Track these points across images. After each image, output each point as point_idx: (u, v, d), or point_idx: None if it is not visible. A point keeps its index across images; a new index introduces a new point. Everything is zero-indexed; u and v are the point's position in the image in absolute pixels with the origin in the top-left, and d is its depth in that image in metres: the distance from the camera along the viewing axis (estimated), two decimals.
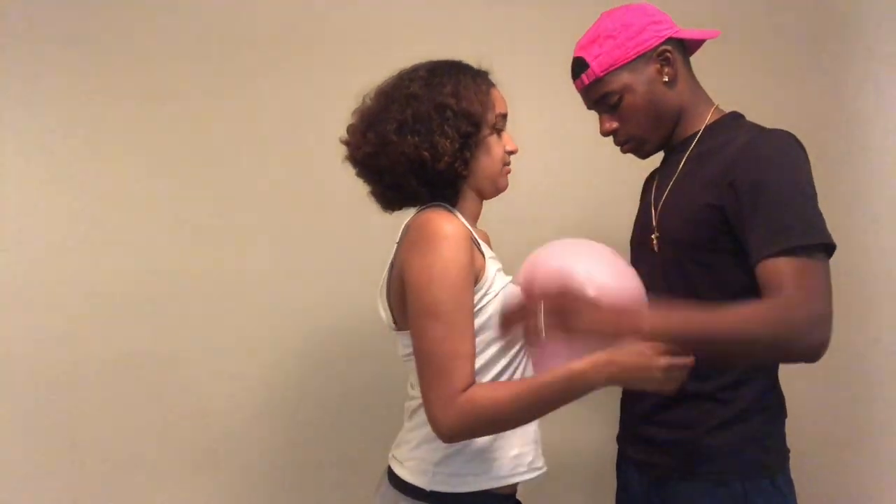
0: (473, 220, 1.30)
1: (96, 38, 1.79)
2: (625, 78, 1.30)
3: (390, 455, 1.28)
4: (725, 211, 1.19)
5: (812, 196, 1.16)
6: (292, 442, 1.86)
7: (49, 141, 1.76)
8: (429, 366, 1.10)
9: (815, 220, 1.14)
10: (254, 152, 1.86)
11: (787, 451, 1.29)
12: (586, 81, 1.32)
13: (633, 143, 1.35)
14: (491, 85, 1.27)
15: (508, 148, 1.27)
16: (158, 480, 1.78)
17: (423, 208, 1.23)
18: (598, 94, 1.32)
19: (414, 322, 1.13)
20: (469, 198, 1.28)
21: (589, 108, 1.39)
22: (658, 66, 1.30)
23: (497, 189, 1.29)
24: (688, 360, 1.11)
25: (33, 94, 1.75)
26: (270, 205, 1.86)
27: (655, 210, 1.35)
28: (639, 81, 1.30)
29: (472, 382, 1.10)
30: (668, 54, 1.30)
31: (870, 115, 2.10)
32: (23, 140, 1.75)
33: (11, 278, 1.72)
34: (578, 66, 1.34)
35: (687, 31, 1.34)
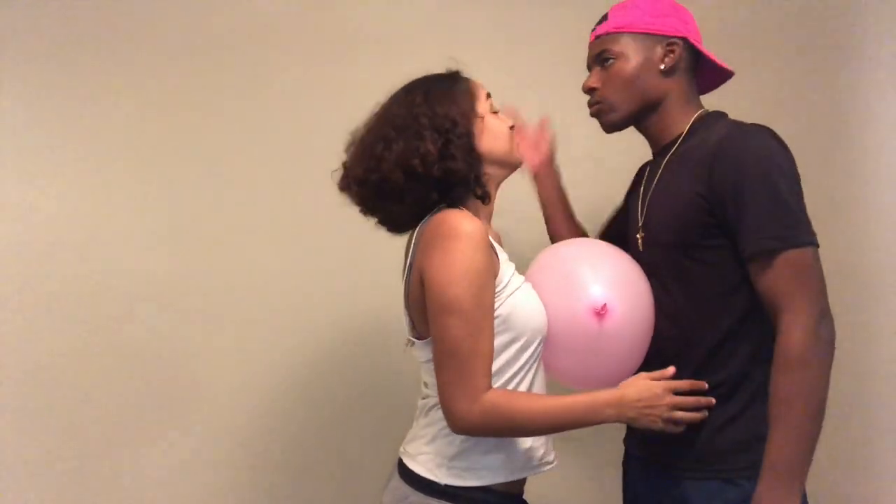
0: (485, 220, 1.31)
1: (97, 38, 1.79)
2: (627, 45, 1.34)
3: (401, 450, 1.29)
4: (709, 202, 1.22)
5: (790, 192, 1.19)
6: (294, 441, 1.86)
7: (49, 141, 1.75)
8: (450, 363, 1.13)
9: (794, 219, 1.18)
10: (257, 152, 1.86)
11: None
12: (598, 32, 1.38)
13: (602, 107, 1.38)
14: (465, 80, 1.31)
15: (511, 123, 1.32)
16: (158, 479, 1.78)
17: (436, 210, 1.23)
18: (599, 48, 1.37)
19: (435, 320, 1.14)
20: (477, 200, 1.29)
21: (588, 65, 1.43)
22: (662, 52, 1.34)
23: (513, 162, 1.32)
24: (695, 401, 1.18)
25: (33, 94, 1.75)
26: (273, 205, 1.86)
27: (642, 210, 1.38)
28: (637, 54, 1.34)
29: (491, 382, 1.14)
30: (675, 48, 1.34)
31: (870, 116, 2.11)
32: (23, 140, 1.74)
33: (11, 278, 1.72)
34: (600, 21, 1.40)
35: (705, 49, 1.37)
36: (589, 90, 1.40)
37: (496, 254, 1.21)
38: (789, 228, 1.17)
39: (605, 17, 1.38)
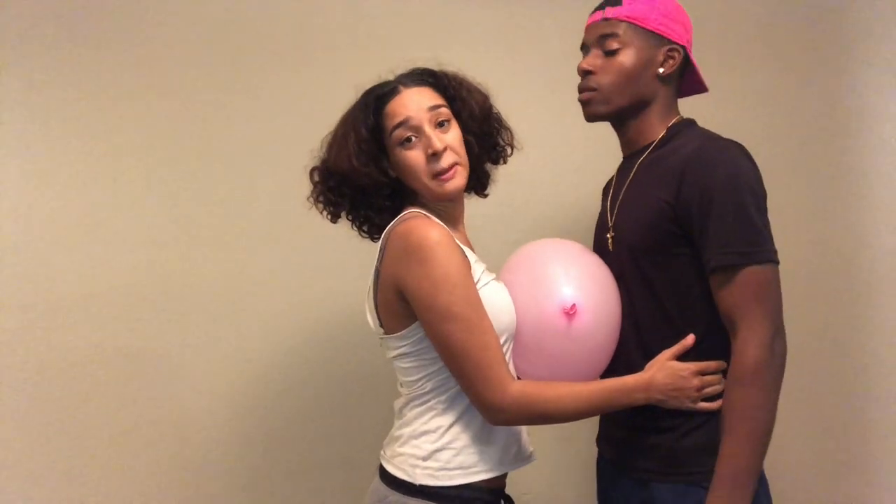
0: (454, 222, 1.32)
1: (97, 37, 1.78)
2: (635, 38, 1.32)
3: (381, 452, 1.31)
4: (676, 212, 1.24)
5: (756, 209, 1.21)
6: (289, 442, 1.86)
7: (49, 141, 1.76)
8: (465, 365, 1.16)
9: (757, 236, 1.20)
10: (251, 153, 1.86)
11: None
12: (608, 16, 1.33)
13: (595, 96, 1.34)
14: (392, 101, 1.25)
15: (430, 150, 1.22)
16: (154, 479, 1.78)
17: (403, 217, 1.24)
18: (606, 30, 1.32)
19: (433, 330, 1.17)
20: (440, 203, 1.29)
21: (583, 44, 1.38)
22: (663, 56, 1.33)
23: (438, 196, 1.26)
24: (719, 379, 1.24)
25: (33, 94, 1.75)
26: (267, 206, 1.85)
27: (612, 212, 1.38)
28: (641, 51, 1.32)
29: (510, 370, 1.19)
30: (676, 55, 1.33)
31: (870, 116, 2.10)
32: (23, 140, 1.75)
33: (11, 278, 1.72)
34: (609, 1, 1.35)
35: (696, 62, 1.38)
36: (585, 73, 1.35)
37: (464, 253, 1.22)
38: (753, 245, 1.19)
39: (616, 0, 1.34)
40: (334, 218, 1.32)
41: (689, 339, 1.23)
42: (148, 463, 1.78)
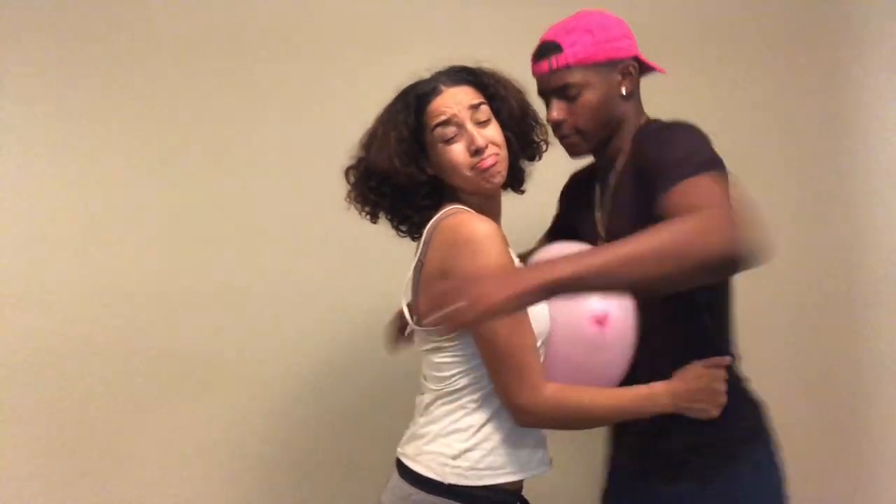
0: (493, 219, 1.30)
1: (97, 37, 1.79)
2: (590, 76, 1.32)
3: (399, 451, 1.30)
4: (651, 193, 1.19)
5: (703, 143, 1.18)
6: (294, 441, 1.86)
7: (49, 141, 1.76)
8: (507, 363, 1.17)
9: (707, 157, 1.14)
10: (257, 153, 1.86)
11: (766, 433, 1.33)
12: (554, 66, 1.32)
13: (575, 138, 1.36)
14: (434, 100, 1.25)
15: (472, 147, 1.23)
16: (161, 478, 1.79)
17: (448, 212, 1.25)
18: (560, 82, 1.33)
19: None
20: (479, 197, 1.29)
21: (541, 92, 1.39)
22: (620, 77, 1.34)
23: (480, 190, 1.27)
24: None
25: (34, 95, 1.75)
26: (275, 206, 1.86)
27: (601, 219, 1.40)
28: (601, 83, 1.32)
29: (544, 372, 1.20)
30: (632, 70, 1.35)
31: (870, 115, 2.11)
32: (23, 140, 1.75)
33: (11, 278, 1.72)
34: (549, 49, 1.34)
35: (647, 60, 1.38)
36: (557, 122, 1.36)
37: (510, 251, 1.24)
38: (708, 162, 1.13)
39: (554, 48, 1.33)
40: (373, 218, 1.32)
41: (725, 360, 1.23)
42: (147, 463, 1.78)
